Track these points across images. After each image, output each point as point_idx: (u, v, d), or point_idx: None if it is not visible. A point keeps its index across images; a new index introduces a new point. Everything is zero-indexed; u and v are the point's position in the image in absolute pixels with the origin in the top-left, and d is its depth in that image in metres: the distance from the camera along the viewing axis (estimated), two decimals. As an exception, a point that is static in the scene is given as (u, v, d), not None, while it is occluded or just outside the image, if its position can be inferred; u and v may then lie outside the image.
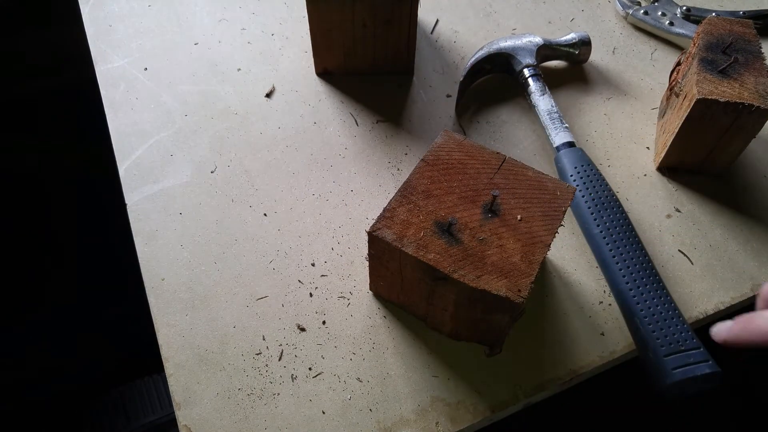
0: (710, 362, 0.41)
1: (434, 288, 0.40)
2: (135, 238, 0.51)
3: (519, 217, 0.40)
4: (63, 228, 1.15)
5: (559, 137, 0.56)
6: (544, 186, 0.42)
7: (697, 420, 0.86)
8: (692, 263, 0.51)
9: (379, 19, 0.58)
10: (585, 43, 0.65)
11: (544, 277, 0.50)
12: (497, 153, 0.44)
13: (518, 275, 0.37)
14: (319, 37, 0.61)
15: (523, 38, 0.63)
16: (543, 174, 0.43)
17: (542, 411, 0.44)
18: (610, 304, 0.49)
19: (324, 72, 0.65)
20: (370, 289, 0.48)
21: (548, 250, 0.38)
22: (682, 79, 0.56)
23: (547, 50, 0.64)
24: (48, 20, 0.93)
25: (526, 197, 0.41)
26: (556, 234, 0.40)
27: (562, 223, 0.41)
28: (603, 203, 0.50)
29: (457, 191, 0.41)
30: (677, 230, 0.54)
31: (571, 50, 0.65)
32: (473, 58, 0.63)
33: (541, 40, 0.63)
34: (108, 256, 1.11)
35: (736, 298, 0.49)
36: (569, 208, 0.46)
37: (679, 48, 0.71)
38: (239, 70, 0.65)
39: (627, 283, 0.46)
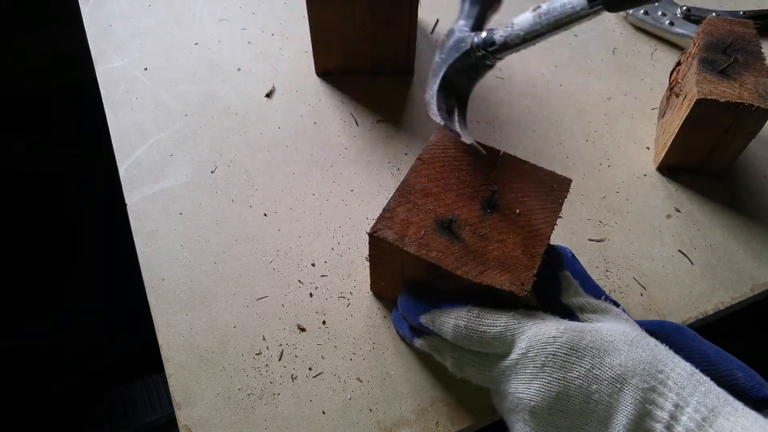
0: None
1: (437, 286, 0.40)
2: (135, 238, 0.51)
3: (517, 210, 0.40)
4: (63, 228, 1.15)
5: None
6: (541, 179, 0.42)
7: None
8: (692, 263, 0.51)
9: (379, 19, 0.58)
10: None
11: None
12: (492, 148, 0.44)
13: (521, 269, 0.37)
14: (319, 37, 0.61)
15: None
16: (539, 167, 0.43)
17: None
18: (610, 304, 0.49)
19: (324, 72, 0.65)
20: (371, 289, 0.48)
21: (548, 242, 0.39)
22: (682, 79, 0.56)
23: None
24: (48, 20, 0.93)
25: (524, 191, 0.41)
26: (555, 226, 0.40)
27: (560, 215, 0.41)
28: None
29: (455, 188, 0.41)
30: (677, 230, 0.54)
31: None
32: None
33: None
34: (108, 256, 1.11)
35: (736, 298, 0.49)
36: None
37: (679, 48, 0.71)
38: (239, 70, 0.65)
39: None
